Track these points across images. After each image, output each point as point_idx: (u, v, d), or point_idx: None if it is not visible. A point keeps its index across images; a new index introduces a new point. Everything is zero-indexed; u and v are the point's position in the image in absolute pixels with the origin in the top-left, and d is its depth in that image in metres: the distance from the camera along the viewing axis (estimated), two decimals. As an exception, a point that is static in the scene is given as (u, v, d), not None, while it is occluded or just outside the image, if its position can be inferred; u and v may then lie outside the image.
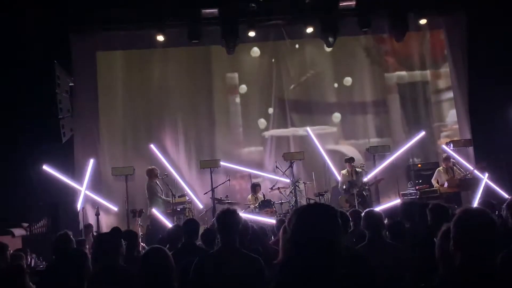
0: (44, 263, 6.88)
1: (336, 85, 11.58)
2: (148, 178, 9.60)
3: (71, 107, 10.23)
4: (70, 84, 10.32)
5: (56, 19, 9.37)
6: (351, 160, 9.95)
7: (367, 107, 11.58)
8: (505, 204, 3.72)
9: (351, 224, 4.68)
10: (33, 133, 9.12)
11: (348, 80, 11.57)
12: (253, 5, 9.64)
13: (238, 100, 11.49)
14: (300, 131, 11.36)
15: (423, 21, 10.68)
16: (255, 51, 11.57)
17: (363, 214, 4.42)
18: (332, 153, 11.10)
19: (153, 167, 9.78)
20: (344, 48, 11.31)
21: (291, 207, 9.49)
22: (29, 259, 6.14)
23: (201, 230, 5.01)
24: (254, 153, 11.31)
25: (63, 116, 9.83)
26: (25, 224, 8.84)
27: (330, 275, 2.01)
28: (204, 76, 11.43)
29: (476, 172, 9.54)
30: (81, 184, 9.62)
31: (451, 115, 11.58)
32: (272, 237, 5.96)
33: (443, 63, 11.77)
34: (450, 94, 11.57)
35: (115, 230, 4.50)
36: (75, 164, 9.99)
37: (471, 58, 10.39)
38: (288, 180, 10.04)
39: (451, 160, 9.82)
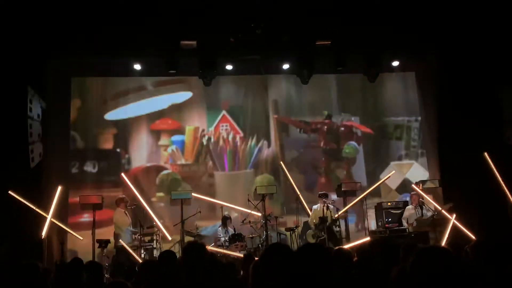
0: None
1: (309, 119, 11.91)
2: (116, 207, 9.41)
3: (42, 132, 10.04)
4: (42, 109, 10.15)
5: (31, 43, 9.27)
6: (324, 196, 9.93)
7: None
8: (469, 247, 3.76)
9: None
10: (1, 157, 8.88)
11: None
12: (231, 39, 9.79)
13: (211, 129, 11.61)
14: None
15: (395, 63, 11.08)
16: (232, 83, 11.76)
17: (333, 252, 4.38)
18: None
19: (123, 196, 9.61)
20: (318, 84, 11.60)
21: (262, 241, 9.41)
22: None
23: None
24: (228, 177, 11.42)
25: (33, 141, 9.63)
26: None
27: None
28: (179, 105, 11.50)
29: (444, 212, 9.69)
30: (47, 212, 9.33)
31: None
32: (241, 272, 5.87)
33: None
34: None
35: (75, 261, 4.33)
36: (42, 190, 9.70)
37: (441, 100, 10.74)
38: (259, 214, 9.96)
39: (419, 199, 9.98)
